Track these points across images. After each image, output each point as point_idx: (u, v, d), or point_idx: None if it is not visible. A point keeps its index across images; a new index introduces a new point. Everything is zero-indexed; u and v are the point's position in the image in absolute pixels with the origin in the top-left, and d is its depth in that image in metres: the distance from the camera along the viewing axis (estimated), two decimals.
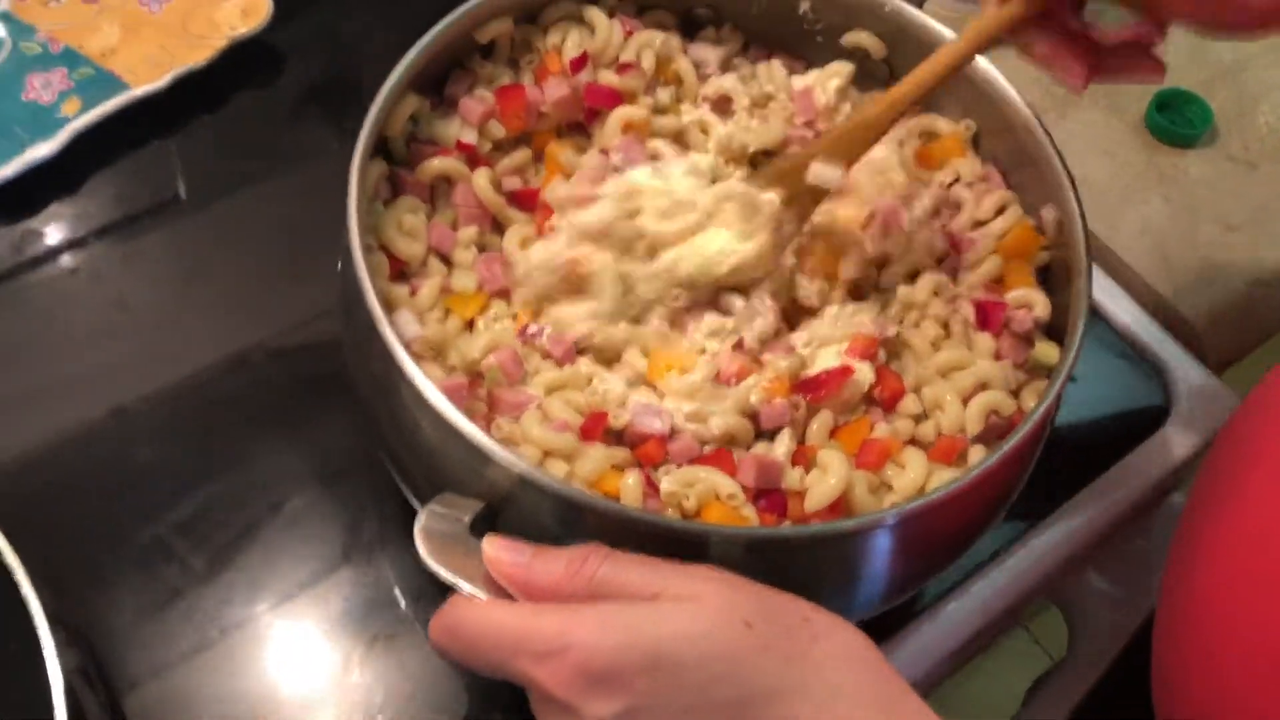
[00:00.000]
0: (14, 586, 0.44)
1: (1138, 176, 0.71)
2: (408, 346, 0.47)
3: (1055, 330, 0.53)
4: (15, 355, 0.60)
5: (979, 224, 0.57)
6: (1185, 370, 0.65)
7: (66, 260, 0.64)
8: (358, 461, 0.58)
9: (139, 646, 0.52)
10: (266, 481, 0.57)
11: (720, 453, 0.47)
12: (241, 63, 0.70)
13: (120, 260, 0.64)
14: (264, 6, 0.70)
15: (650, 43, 0.59)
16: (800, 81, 0.60)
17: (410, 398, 0.45)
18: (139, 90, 0.66)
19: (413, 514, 0.44)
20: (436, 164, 0.54)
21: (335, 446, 0.59)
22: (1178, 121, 0.73)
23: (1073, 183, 0.53)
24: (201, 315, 0.62)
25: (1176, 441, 0.63)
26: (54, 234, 0.64)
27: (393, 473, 0.51)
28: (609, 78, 0.57)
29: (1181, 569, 0.46)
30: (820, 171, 0.52)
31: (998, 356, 0.53)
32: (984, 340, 0.53)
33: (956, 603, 0.57)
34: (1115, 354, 0.67)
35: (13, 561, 0.45)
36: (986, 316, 0.53)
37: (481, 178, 0.54)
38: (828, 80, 0.60)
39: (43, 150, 0.64)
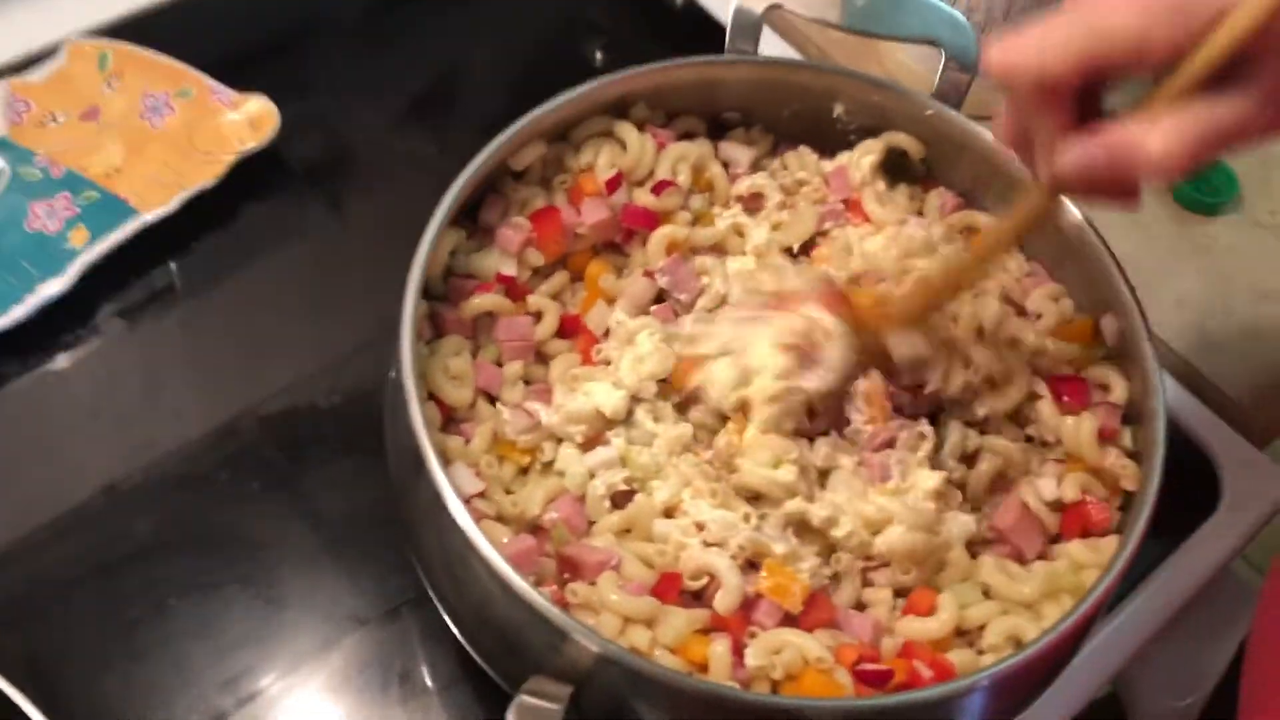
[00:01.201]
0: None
1: (1169, 249, 0.71)
2: (467, 503, 0.45)
3: None
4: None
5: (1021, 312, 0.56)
6: (1232, 449, 0.65)
7: (61, 359, 0.62)
8: (409, 601, 0.56)
9: None
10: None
11: (815, 599, 0.46)
12: (248, 174, 0.68)
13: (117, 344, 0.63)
14: (272, 117, 0.68)
15: (685, 156, 0.57)
16: (831, 164, 0.59)
17: (479, 568, 0.44)
18: (148, 215, 0.64)
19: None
20: (480, 302, 0.52)
21: (387, 586, 0.57)
22: (1204, 189, 0.72)
23: (1132, 290, 0.52)
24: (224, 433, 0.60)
25: (1230, 524, 0.63)
26: (63, 360, 0.62)
27: (450, 624, 0.50)
28: (645, 197, 0.56)
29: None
30: (900, 347, 0.50)
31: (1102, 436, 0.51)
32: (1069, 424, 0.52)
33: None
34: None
35: None
36: (1070, 393, 0.52)
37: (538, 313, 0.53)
38: (861, 158, 0.59)
39: (54, 288, 0.61)
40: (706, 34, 0.78)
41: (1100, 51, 0.39)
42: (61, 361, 0.62)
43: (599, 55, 0.82)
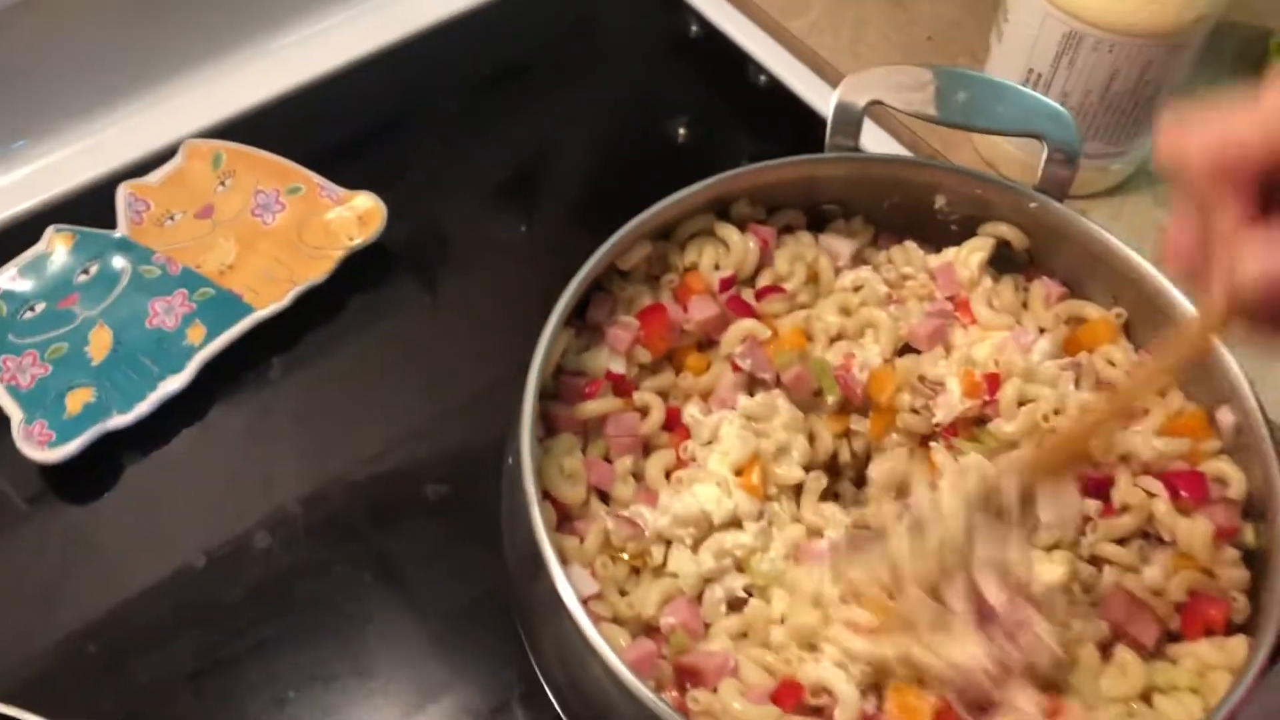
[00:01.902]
0: None
1: None
2: (584, 604, 0.46)
3: None
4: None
5: None
6: None
7: (178, 450, 0.64)
8: (521, 696, 0.57)
9: None
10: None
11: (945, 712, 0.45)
12: (354, 266, 0.70)
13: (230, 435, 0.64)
14: (379, 213, 0.70)
15: (801, 255, 0.58)
16: (937, 260, 0.60)
17: (599, 671, 0.44)
18: (263, 311, 0.66)
19: None
20: (595, 405, 0.53)
21: (499, 679, 0.57)
22: None
23: (1249, 380, 0.51)
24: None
25: None
26: (180, 451, 0.64)
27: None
28: (751, 296, 0.57)
29: None
30: (1047, 506, 0.47)
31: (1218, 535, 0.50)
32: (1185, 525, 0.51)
33: None
34: None
35: None
36: (1187, 488, 0.51)
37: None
38: (969, 255, 0.59)
39: (174, 384, 0.63)
40: (788, 110, 0.80)
41: None
42: (179, 452, 0.64)
43: (682, 132, 0.84)
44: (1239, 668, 0.45)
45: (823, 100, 0.79)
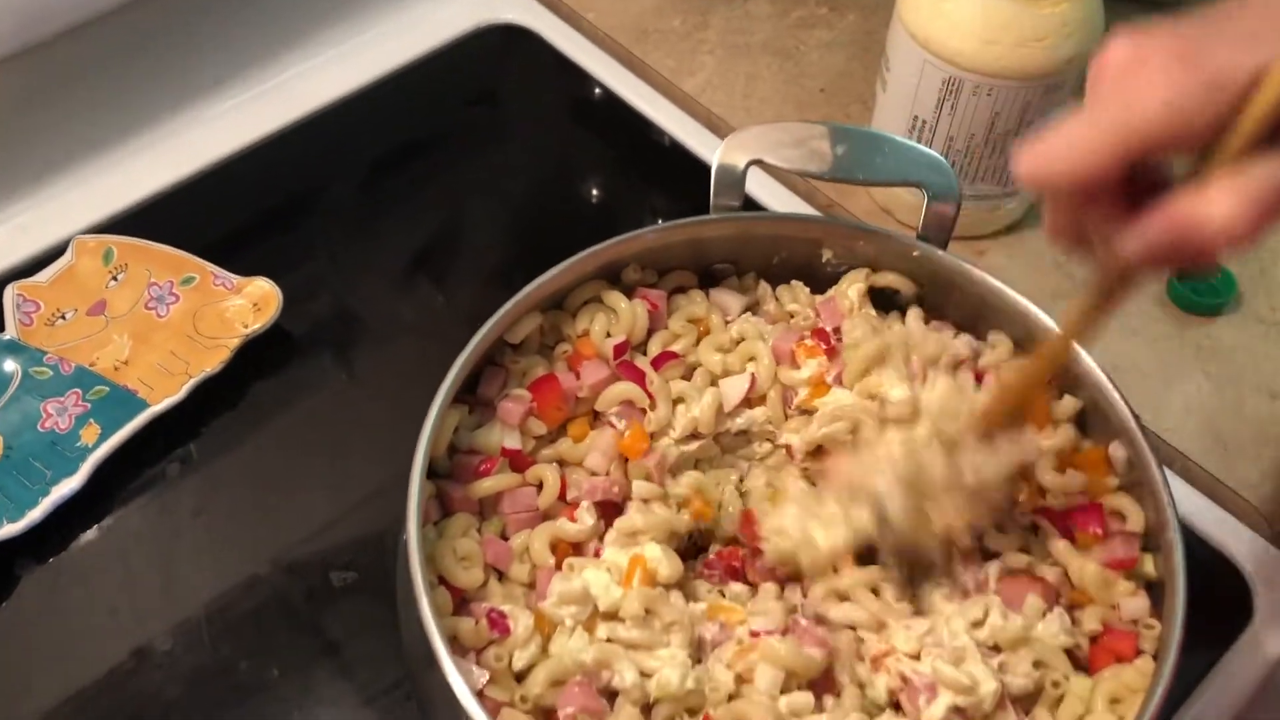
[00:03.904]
0: None
1: (1173, 354, 0.70)
2: (480, 695, 0.45)
3: None
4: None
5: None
6: (1259, 555, 0.64)
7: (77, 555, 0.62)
8: None
9: None
10: None
11: None
12: (253, 353, 0.69)
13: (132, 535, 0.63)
14: (274, 298, 0.69)
15: (694, 316, 0.58)
16: (822, 298, 0.60)
17: None
18: (158, 406, 0.65)
19: None
20: (489, 484, 0.52)
21: None
22: (1201, 290, 0.72)
23: (1136, 416, 0.52)
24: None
25: (1267, 636, 0.61)
26: (79, 556, 0.62)
27: None
28: (646, 364, 0.56)
29: None
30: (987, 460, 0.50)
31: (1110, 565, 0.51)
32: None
33: None
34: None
35: None
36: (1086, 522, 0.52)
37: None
38: (848, 288, 0.59)
39: (67, 488, 0.62)
40: (693, 169, 0.80)
41: (1134, 141, 0.38)
42: (78, 556, 0.63)
43: (595, 194, 0.84)
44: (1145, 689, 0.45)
45: None
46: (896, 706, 0.48)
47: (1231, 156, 0.37)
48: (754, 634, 0.49)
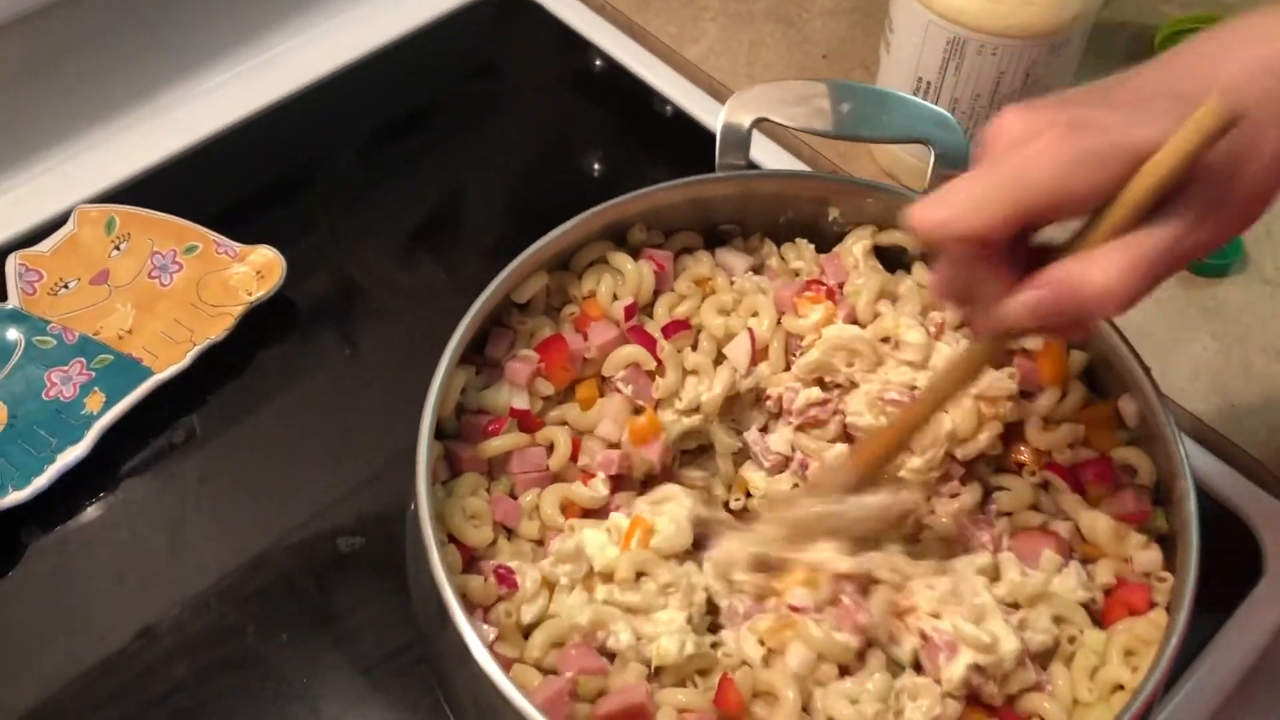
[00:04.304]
0: None
1: (1180, 316, 0.70)
2: (492, 649, 0.45)
3: None
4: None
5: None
6: (1269, 513, 0.63)
7: (84, 523, 0.62)
8: None
9: None
10: None
11: None
12: (258, 322, 0.69)
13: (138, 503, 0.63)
14: (278, 266, 0.69)
15: (698, 277, 0.58)
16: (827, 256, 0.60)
17: (512, 717, 0.43)
18: (162, 374, 0.65)
19: None
20: (498, 443, 0.52)
21: None
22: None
23: (1146, 370, 0.52)
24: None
25: (1279, 593, 0.61)
26: (86, 524, 0.62)
27: None
28: (656, 330, 0.56)
29: None
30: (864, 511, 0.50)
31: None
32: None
33: None
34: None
35: None
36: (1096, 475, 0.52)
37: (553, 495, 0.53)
38: (854, 245, 0.59)
39: (72, 456, 0.62)
40: (695, 136, 0.80)
41: (1024, 205, 0.39)
42: (85, 525, 0.63)
43: (597, 167, 0.84)
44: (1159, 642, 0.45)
45: None
46: (917, 666, 0.48)
47: (1115, 225, 0.39)
48: (793, 609, 0.48)
